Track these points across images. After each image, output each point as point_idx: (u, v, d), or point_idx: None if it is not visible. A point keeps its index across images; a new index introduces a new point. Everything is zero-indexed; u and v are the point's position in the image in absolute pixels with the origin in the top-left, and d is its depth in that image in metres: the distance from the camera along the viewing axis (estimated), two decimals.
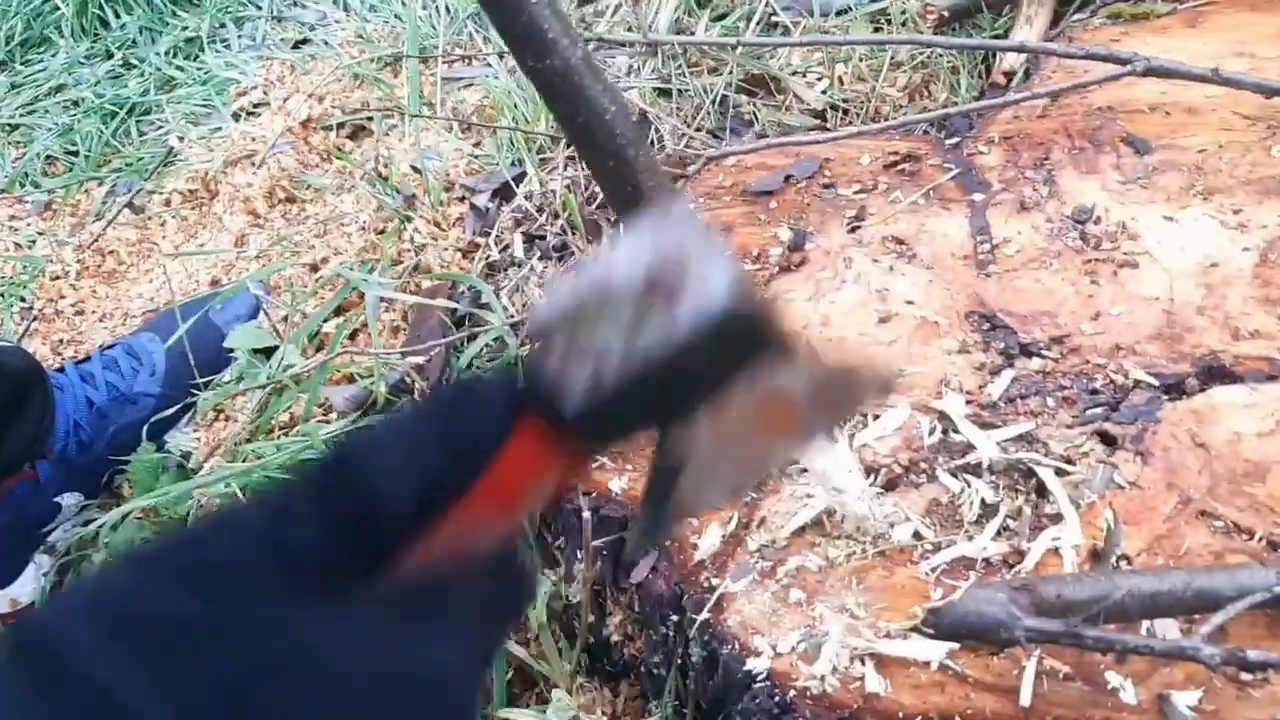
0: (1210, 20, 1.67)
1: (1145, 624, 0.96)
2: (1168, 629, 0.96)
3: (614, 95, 0.91)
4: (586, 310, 0.45)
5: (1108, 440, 1.14)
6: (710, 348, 0.45)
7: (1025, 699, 0.93)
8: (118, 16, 2.85)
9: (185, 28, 2.75)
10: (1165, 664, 0.95)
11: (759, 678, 1.01)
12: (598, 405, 0.46)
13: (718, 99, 1.82)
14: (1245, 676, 0.94)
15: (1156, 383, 1.18)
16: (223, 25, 2.73)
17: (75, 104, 2.64)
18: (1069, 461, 1.12)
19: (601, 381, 0.45)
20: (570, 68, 0.87)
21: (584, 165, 1.02)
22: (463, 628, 0.46)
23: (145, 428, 1.65)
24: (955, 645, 0.98)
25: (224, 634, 0.41)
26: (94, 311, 2.13)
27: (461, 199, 1.91)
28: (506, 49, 0.92)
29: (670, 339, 0.44)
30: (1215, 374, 1.18)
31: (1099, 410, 1.16)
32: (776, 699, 1.00)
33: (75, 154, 2.51)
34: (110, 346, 1.79)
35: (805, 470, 1.14)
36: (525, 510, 0.50)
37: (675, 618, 1.11)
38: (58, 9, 2.86)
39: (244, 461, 1.52)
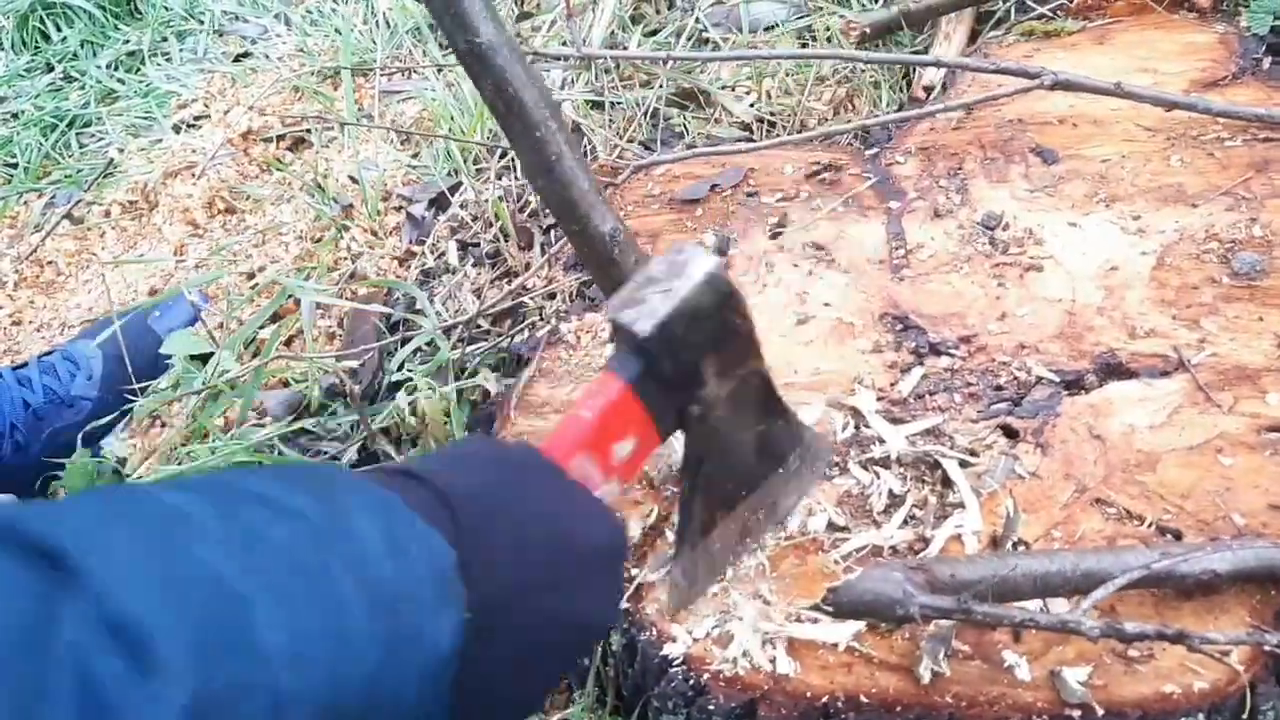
0: (1117, 37, 1.74)
1: (1039, 603, 1.01)
2: (1059, 608, 1.01)
3: (534, 73, 1.01)
4: (639, 291, 0.75)
5: (1010, 433, 1.19)
6: (704, 301, 0.75)
7: (925, 677, 0.98)
8: (59, 29, 2.85)
9: (127, 41, 2.76)
10: (1058, 642, 1.00)
11: (675, 662, 1.05)
12: (662, 332, 0.73)
13: (649, 111, 1.87)
14: (1132, 653, 0.99)
15: (1057, 379, 1.23)
16: (164, 39, 2.74)
17: (15, 116, 2.64)
18: (973, 454, 1.17)
19: (660, 316, 0.73)
20: (500, 44, 0.97)
21: (511, 143, 1.09)
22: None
23: (81, 434, 1.66)
24: (861, 627, 1.02)
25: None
26: (31, 322, 2.13)
27: (398, 208, 1.94)
28: (443, 36, 1.03)
29: (686, 292, 0.75)
30: (1112, 370, 1.24)
31: (1003, 405, 1.22)
32: (691, 682, 1.03)
33: (14, 166, 2.51)
34: (48, 354, 1.80)
35: None
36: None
37: None
38: None
39: (179, 465, 1.53)
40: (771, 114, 1.85)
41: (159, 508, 0.47)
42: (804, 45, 1.95)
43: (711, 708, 1.02)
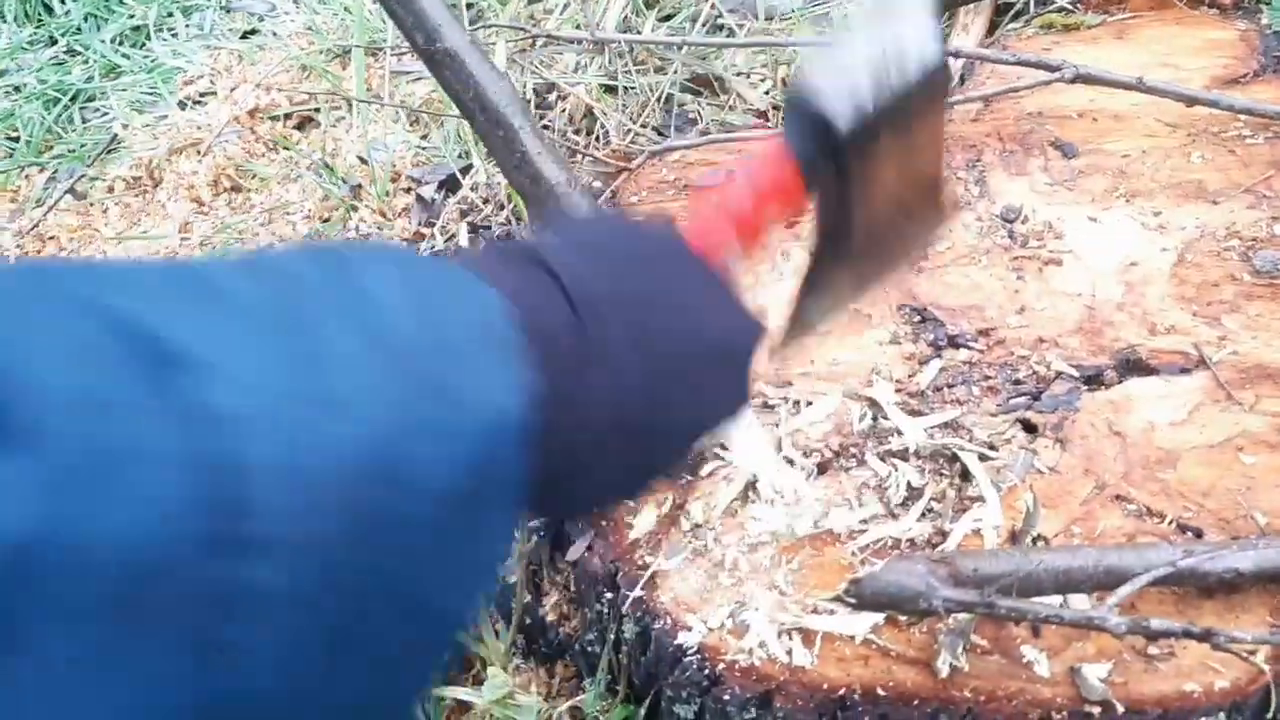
0: (1137, 32, 1.73)
1: (1059, 599, 1.00)
2: (1080, 604, 1.00)
3: (498, 73, 1.00)
4: (842, 61, 0.63)
5: (1029, 428, 1.18)
6: (923, 88, 0.64)
7: (943, 671, 0.97)
8: (62, 3, 2.82)
9: (132, 15, 2.73)
10: (1078, 638, 0.99)
11: (689, 652, 1.04)
12: (859, 124, 0.62)
13: (663, 97, 1.86)
14: (1153, 650, 0.98)
15: (1077, 374, 1.22)
16: (170, 14, 2.71)
17: (17, 89, 2.61)
18: (992, 447, 1.16)
19: (863, 107, 0.62)
20: (461, 45, 0.96)
21: (479, 139, 1.10)
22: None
23: None
24: (879, 619, 1.02)
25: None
26: None
27: (408, 190, 1.93)
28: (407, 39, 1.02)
29: (904, 80, 0.63)
30: (1132, 367, 1.23)
31: (1021, 399, 1.21)
32: (706, 672, 1.03)
33: (16, 140, 2.49)
34: None
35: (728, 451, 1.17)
36: (766, 228, 0.67)
37: (610, 595, 1.14)
38: None
39: None
40: None
41: (63, 265, 0.39)
42: (821, 33, 1.93)
43: (726, 698, 1.01)
